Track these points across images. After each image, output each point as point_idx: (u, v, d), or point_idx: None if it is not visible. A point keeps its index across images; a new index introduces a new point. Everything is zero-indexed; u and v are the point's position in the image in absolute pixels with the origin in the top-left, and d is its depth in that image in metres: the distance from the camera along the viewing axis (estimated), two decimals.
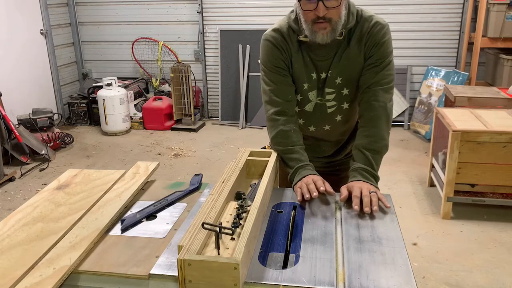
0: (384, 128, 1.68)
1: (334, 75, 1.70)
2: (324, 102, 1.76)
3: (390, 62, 1.70)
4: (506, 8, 4.42)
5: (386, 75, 1.68)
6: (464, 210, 3.37)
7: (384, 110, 1.67)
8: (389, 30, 1.70)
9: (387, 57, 1.68)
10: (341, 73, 1.69)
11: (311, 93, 1.75)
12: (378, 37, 1.66)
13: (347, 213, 1.47)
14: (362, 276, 1.14)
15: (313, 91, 1.74)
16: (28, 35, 5.34)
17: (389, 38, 1.70)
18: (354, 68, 1.69)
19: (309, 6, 1.54)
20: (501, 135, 3.05)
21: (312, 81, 1.72)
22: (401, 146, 4.79)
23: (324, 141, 1.90)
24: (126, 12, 5.90)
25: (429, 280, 2.61)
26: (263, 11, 5.47)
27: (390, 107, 1.70)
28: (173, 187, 1.73)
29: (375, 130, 1.67)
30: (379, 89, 1.67)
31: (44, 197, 1.61)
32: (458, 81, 4.86)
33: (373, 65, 1.67)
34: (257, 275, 1.14)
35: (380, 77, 1.67)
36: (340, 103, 1.76)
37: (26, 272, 1.17)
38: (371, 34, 1.65)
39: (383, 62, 1.67)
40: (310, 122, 1.83)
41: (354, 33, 1.66)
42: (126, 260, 1.24)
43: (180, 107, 5.51)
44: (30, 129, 4.76)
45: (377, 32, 1.65)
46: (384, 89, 1.68)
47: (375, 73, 1.67)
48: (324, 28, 1.55)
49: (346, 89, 1.73)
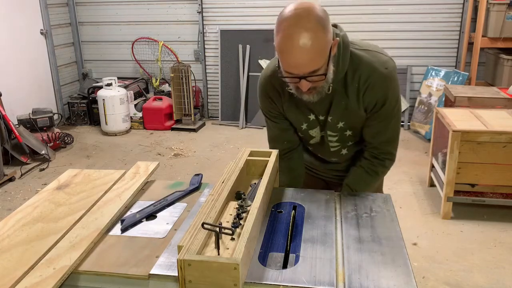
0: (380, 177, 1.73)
1: (335, 120, 1.59)
2: (327, 141, 1.69)
3: (396, 115, 1.57)
4: (506, 8, 4.42)
5: (392, 130, 1.60)
6: (464, 210, 3.37)
7: (383, 168, 1.69)
8: (393, 74, 1.50)
9: (391, 112, 1.54)
10: (342, 119, 1.59)
11: (312, 131, 1.68)
12: (380, 94, 1.50)
13: (347, 213, 1.47)
14: (362, 276, 1.14)
15: (315, 129, 1.67)
16: (28, 35, 5.34)
17: (393, 88, 1.51)
18: (356, 118, 1.58)
19: (290, 80, 1.41)
20: (501, 135, 3.05)
21: (310, 121, 1.64)
22: (401, 146, 4.77)
23: (333, 163, 1.86)
24: (126, 12, 5.89)
25: (429, 280, 2.61)
26: (263, 11, 5.47)
27: (390, 163, 1.70)
28: (173, 187, 1.73)
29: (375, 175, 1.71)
30: (383, 146, 1.64)
31: (44, 197, 1.61)
32: (458, 81, 4.86)
33: (377, 122, 1.56)
34: (257, 275, 1.14)
35: (385, 135, 1.61)
36: (344, 143, 1.69)
37: (26, 272, 1.17)
38: (370, 89, 1.49)
39: (387, 118, 1.56)
40: (317, 153, 1.81)
41: (352, 81, 1.50)
42: (126, 260, 1.24)
43: (180, 107, 5.51)
44: (30, 129, 4.76)
45: (378, 88, 1.49)
46: (389, 142, 1.64)
47: (378, 133, 1.60)
48: (310, 92, 1.43)
49: (350, 131, 1.64)
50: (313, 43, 1.28)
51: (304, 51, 1.29)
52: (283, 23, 1.32)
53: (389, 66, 1.50)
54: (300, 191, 1.66)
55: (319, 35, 1.29)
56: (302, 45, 1.28)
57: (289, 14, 1.32)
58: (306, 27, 1.28)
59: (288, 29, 1.30)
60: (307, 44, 1.28)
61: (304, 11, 1.31)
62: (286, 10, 1.34)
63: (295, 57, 1.31)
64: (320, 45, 1.30)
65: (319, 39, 1.30)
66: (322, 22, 1.31)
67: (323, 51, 1.33)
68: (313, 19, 1.30)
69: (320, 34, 1.30)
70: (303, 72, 1.34)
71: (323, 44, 1.31)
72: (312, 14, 1.31)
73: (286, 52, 1.32)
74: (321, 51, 1.32)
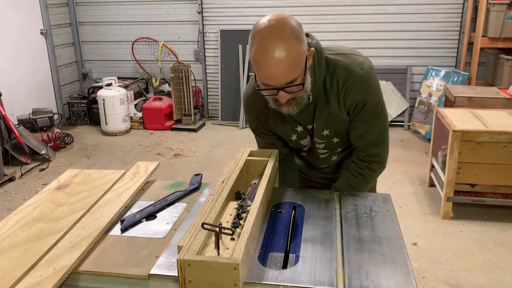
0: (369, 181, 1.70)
1: (320, 128, 1.60)
2: (315, 149, 1.70)
3: (380, 116, 1.56)
4: (506, 8, 4.42)
5: (377, 131, 1.60)
6: (464, 210, 3.37)
7: (370, 171, 1.67)
8: (371, 74, 1.50)
9: (374, 112, 1.54)
10: (327, 126, 1.59)
11: (303, 141, 1.67)
12: (359, 94, 1.49)
13: (347, 213, 1.47)
14: (362, 276, 1.14)
15: (305, 139, 1.67)
16: (28, 35, 5.34)
17: (373, 88, 1.51)
18: (340, 123, 1.58)
19: (268, 92, 1.40)
20: (501, 135, 3.05)
21: (299, 132, 1.64)
22: (401, 146, 4.79)
23: (325, 169, 1.87)
24: (126, 12, 5.89)
25: (429, 280, 2.61)
26: (263, 11, 5.46)
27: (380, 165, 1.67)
28: (173, 187, 1.73)
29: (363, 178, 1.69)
30: (369, 148, 1.63)
31: (44, 197, 1.61)
32: (458, 81, 4.86)
33: (360, 123, 1.56)
34: (257, 275, 1.14)
35: (370, 137, 1.60)
36: (333, 150, 1.70)
37: (26, 272, 1.17)
38: (349, 91, 1.49)
39: (371, 119, 1.55)
40: (309, 160, 1.82)
41: (331, 87, 1.50)
42: (126, 260, 1.24)
43: (180, 107, 5.51)
44: (30, 129, 4.76)
45: (357, 89, 1.49)
46: (375, 144, 1.63)
47: (362, 135, 1.59)
48: (289, 104, 1.43)
49: (336, 138, 1.64)
50: (288, 54, 1.29)
51: (280, 62, 1.30)
52: (258, 35, 1.33)
53: (365, 66, 1.50)
54: (300, 191, 1.66)
55: (294, 46, 1.31)
56: (277, 56, 1.29)
57: (263, 26, 1.33)
58: (281, 38, 1.29)
59: (262, 41, 1.30)
60: (282, 55, 1.29)
61: (278, 22, 1.32)
62: (260, 22, 1.35)
63: (271, 69, 1.31)
64: (295, 55, 1.31)
65: (294, 49, 1.31)
66: (296, 33, 1.32)
67: (299, 61, 1.33)
68: (287, 30, 1.31)
69: (295, 45, 1.31)
70: (280, 83, 1.35)
71: (298, 54, 1.32)
72: (286, 25, 1.32)
73: (262, 64, 1.32)
74: (297, 61, 1.33)
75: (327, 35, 5.35)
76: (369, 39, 5.31)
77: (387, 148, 1.67)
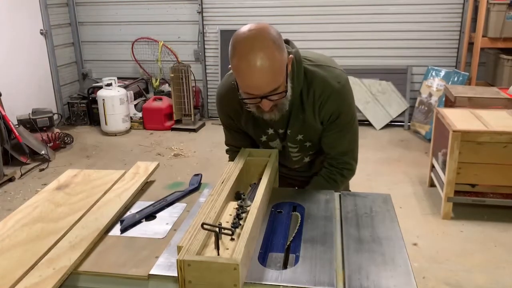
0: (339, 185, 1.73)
1: (294, 134, 1.63)
2: (288, 152, 1.72)
3: (351, 128, 1.62)
4: (506, 8, 4.42)
5: (348, 141, 1.65)
6: (464, 210, 3.36)
7: (341, 177, 1.71)
8: (346, 87, 1.56)
9: (346, 124, 1.60)
10: (301, 132, 1.62)
11: (272, 143, 1.70)
12: (334, 107, 1.54)
13: (347, 213, 1.47)
14: (362, 277, 1.14)
15: (275, 141, 1.69)
16: (28, 35, 5.34)
17: (347, 101, 1.56)
18: (314, 131, 1.62)
19: (251, 101, 1.41)
20: (501, 135, 3.05)
21: (269, 135, 1.67)
22: (401, 146, 4.79)
23: (296, 168, 1.88)
24: (126, 12, 5.89)
25: (429, 280, 2.61)
26: (263, 11, 5.47)
27: (349, 173, 1.72)
28: (172, 187, 1.73)
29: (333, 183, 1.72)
30: (340, 156, 1.67)
31: (44, 197, 1.61)
32: (458, 81, 4.85)
33: (333, 132, 1.61)
34: (257, 276, 1.14)
35: (342, 146, 1.65)
36: (305, 152, 1.72)
37: (26, 272, 1.17)
38: (324, 103, 1.53)
39: (343, 130, 1.60)
40: (280, 161, 1.81)
41: (308, 96, 1.54)
42: (126, 260, 1.24)
43: (180, 107, 5.51)
44: (30, 129, 4.76)
45: (332, 102, 1.53)
46: (346, 153, 1.67)
47: (334, 143, 1.64)
48: (271, 111, 1.45)
49: (309, 142, 1.67)
50: (271, 63, 1.31)
51: (263, 72, 1.31)
52: (239, 45, 1.34)
53: (342, 80, 1.54)
54: (300, 191, 1.66)
55: (276, 55, 1.32)
56: (260, 66, 1.30)
57: (244, 36, 1.34)
58: (263, 48, 1.30)
59: (245, 51, 1.32)
60: (265, 65, 1.30)
61: (259, 32, 1.33)
62: (240, 32, 1.36)
63: (254, 79, 1.33)
64: (277, 64, 1.33)
65: (277, 58, 1.32)
66: (277, 42, 1.34)
67: (281, 69, 1.35)
68: (269, 39, 1.32)
69: (276, 53, 1.32)
70: (264, 92, 1.36)
71: (280, 63, 1.34)
72: (267, 34, 1.33)
73: (245, 74, 1.34)
74: (279, 69, 1.35)
75: (327, 35, 5.36)
76: (369, 39, 5.31)
77: (357, 157, 1.73)
